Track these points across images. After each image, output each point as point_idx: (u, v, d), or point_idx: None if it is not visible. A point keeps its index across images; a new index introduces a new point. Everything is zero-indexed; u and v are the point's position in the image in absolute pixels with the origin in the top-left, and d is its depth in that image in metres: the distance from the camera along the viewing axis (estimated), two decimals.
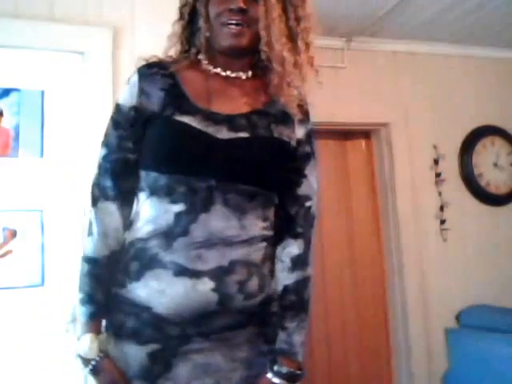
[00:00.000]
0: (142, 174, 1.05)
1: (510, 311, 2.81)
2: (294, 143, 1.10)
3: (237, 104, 1.06)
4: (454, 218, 3.03)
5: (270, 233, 1.06)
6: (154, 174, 1.02)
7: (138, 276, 1.00)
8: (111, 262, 1.05)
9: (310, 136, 1.14)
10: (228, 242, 0.98)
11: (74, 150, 1.90)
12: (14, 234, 1.81)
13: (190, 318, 0.97)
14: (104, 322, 1.06)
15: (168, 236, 0.98)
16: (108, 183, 1.06)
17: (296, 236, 1.09)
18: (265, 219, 1.04)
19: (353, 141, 3.21)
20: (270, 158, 1.04)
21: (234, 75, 1.09)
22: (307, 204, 1.11)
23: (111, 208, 1.06)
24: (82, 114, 1.91)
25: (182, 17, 1.12)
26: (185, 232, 0.97)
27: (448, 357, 2.86)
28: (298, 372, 1.03)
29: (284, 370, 1.00)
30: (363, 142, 3.20)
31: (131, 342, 0.99)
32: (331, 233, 3.04)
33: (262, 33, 1.03)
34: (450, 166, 3.09)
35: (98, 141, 1.86)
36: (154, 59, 1.10)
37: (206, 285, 0.96)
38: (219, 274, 0.96)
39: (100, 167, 1.09)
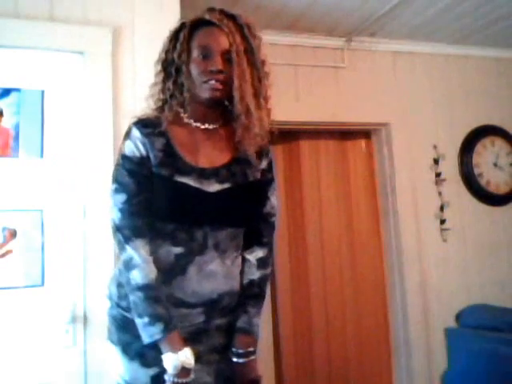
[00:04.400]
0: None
1: (510, 311, 2.81)
2: (258, 175, 1.34)
3: (218, 155, 1.29)
4: (453, 218, 3.03)
5: (238, 261, 1.32)
6: (159, 223, 1.23)
7: None
8: (159, 284, 1.20)
9: (271, 165, 1.39)
10: (215, 278, 1.24)
11: (74, 150, 1.90)
12: (13, 234, 1.81)
13: (185, 336, 1.19)
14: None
15: (168, 274, 1.21)
16: (137, 223, 1.22)
17: (262, 244, 1.37)
18: (237, 249, 1.31)
19: (353, 141, 3.20)
20: (249, 201, 1.31)
21: (211, 127, 1.30)
22: (271, 220, 1.38)
23: (144, 243, 1.22)
24: (81, 114, 1.91)
25: (163, 70, 1.29)
26: (183, 271, 1.21)
27: (448, 356, 2.86)
28: (252, 349, 1.29)
29: (242, 350, 1.27)
30: (363, 142, 3.20)
31: (137, 363, 1.20)
32: (331, 233, 3.04)
33: (236, 92, 1.22)
34: (450, 166, 3.09)
35: (97, 140, 1.89)
36: (145, 117, 1.27)
37: (198, 310, 1.23)
38: (209, 304, 1.24)
39: (123, 211, 1.22)
